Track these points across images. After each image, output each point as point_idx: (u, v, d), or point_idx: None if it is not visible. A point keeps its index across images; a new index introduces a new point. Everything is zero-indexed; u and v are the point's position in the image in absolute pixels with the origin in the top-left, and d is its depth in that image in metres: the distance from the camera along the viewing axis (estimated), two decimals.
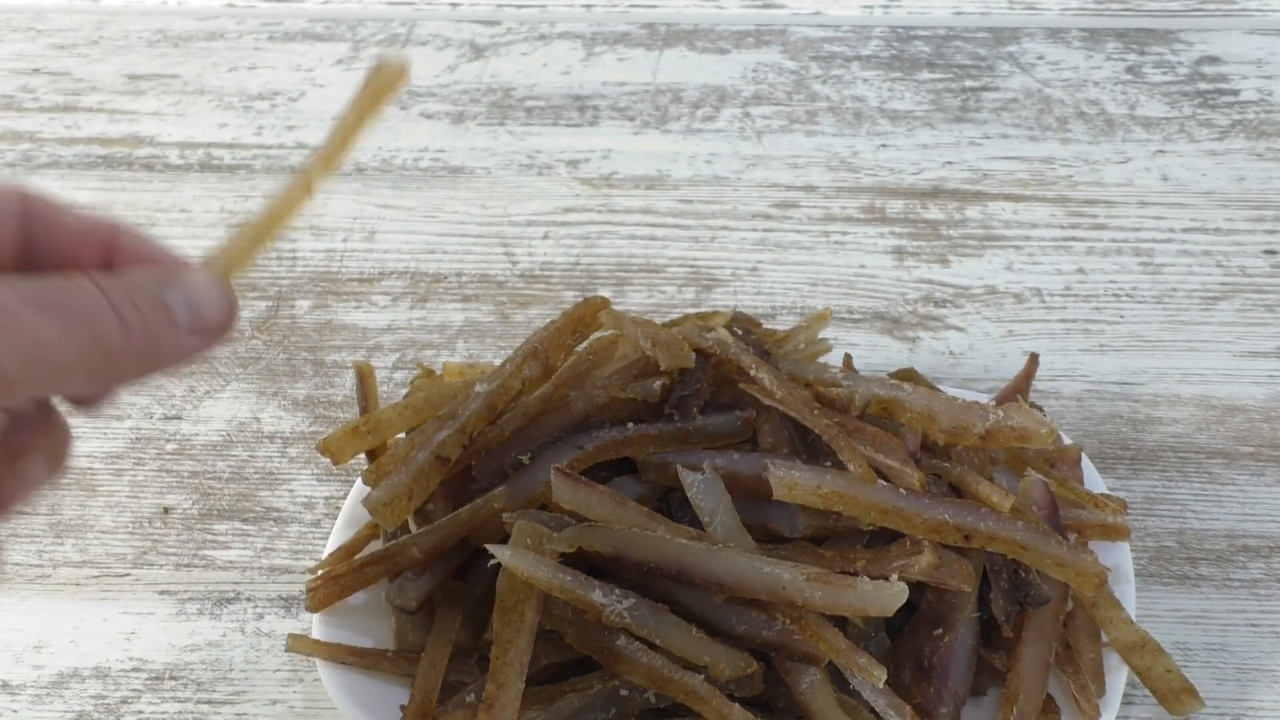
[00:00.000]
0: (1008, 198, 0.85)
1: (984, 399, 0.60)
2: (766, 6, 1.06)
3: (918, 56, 1.00)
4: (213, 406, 0.71)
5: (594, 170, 0.88)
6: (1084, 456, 0.60)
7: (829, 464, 0.51)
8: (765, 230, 0.83)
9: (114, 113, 0.95)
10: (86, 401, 0.34)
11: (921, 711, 0.49)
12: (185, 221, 0.84)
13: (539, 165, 0.89)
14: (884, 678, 0.47)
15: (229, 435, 0.69)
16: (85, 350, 0.31)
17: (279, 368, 0.73)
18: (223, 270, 0.34)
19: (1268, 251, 0.80)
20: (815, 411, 0.52)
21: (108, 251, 0.34)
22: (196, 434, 0.69)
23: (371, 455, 0.57)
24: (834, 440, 0.51)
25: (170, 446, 0.69)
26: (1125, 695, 0.52)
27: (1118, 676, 0.52)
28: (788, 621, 0.48)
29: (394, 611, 0.53)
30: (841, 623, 0.48)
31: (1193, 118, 0.92)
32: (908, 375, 0.59)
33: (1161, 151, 0.89)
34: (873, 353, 0.73)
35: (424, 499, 0.53)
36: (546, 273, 0.80)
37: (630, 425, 0.53)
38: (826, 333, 0.62)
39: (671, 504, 0.52)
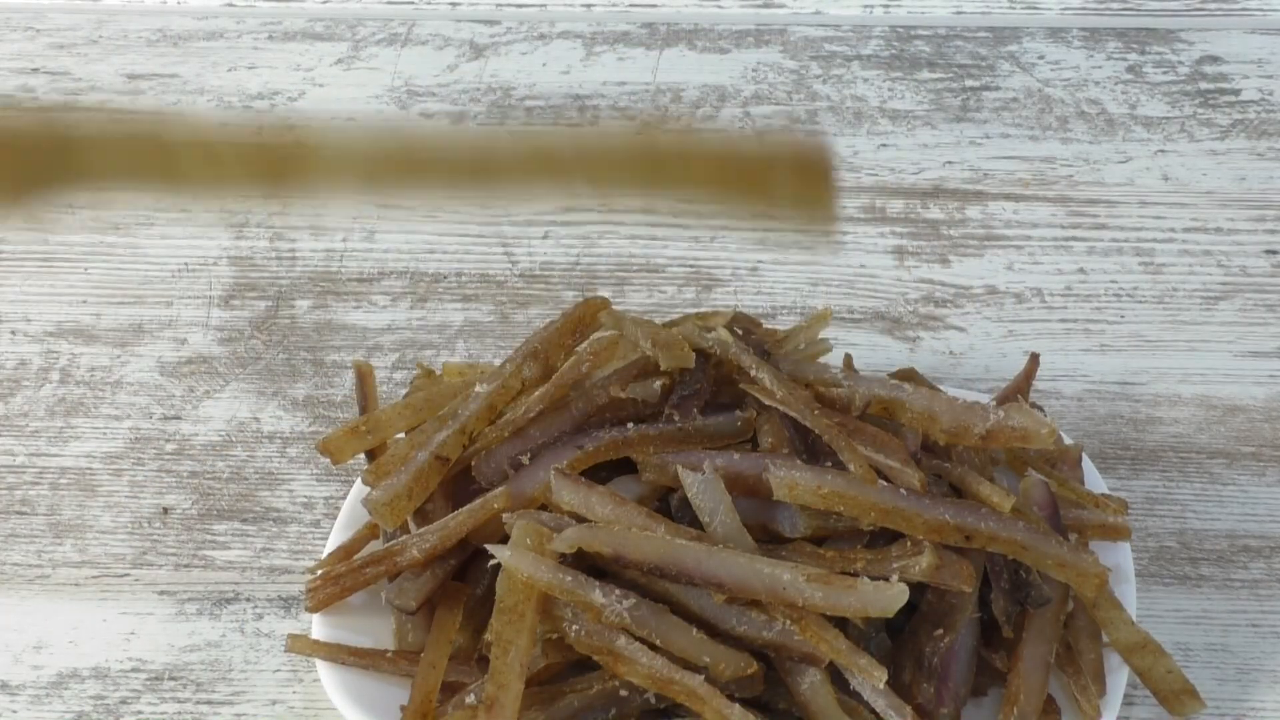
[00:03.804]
0: (1008, 197, 0.85)
1: (984, 399, 0.60)
2: (766, 6, 1.06)
3: (918, 56, 1.00)
4: (212, 406, 0.71)
5: None
6: (1085, 456, 0.60)
7: (829, 464, 0.51)
8: (765, 230, 0.83)
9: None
10: None
11: (922, 712, 0.49)
12: (185, 221, 0.84)
13: None
14: (884, 678, 0.47)
15: (228, 435, 0.69)
16: None
17: (279, 368, 0.73)
18: None
19: (1269, 251, 0.80)
20: (816, 411, 0.52)
21: None
22: (196, 434, 0.69)
23: (371, 455, 0.57)
24: (834, 440, 0.51)
25: (170, 446, 0.68)
26: (1126, 696, 0.52)
27: (1118, 677, 0.52)
28: (788, 622, 0.48)
29: (394, 611, 0.53)
30: (842, 623, 0.48)
31: (1193, 117, 0.92)
32: (908, 375, 0.59)
33: (1162, 151, 0.89)
34: (873, 353, 0.72)
35: (424, 499, 0.53)
36: (546, 273, 0.80)
37: (630, 425, 0.53)
38: (827, 333, 0.62)
39: (671, 504, 0.52)
